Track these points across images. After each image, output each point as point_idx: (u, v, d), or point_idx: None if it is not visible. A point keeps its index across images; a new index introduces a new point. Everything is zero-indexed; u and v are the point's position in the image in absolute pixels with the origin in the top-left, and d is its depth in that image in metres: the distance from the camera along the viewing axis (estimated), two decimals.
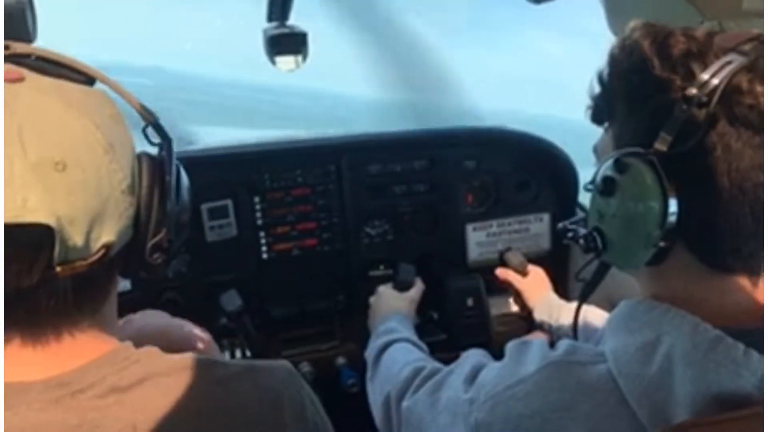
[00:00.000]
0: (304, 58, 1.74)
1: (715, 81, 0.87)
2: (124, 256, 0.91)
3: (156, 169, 0.92)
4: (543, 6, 1.43)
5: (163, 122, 1.00)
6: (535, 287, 2.03)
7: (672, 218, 0.92)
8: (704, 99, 0.87)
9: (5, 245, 0.75)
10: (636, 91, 0.96)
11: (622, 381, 0.95)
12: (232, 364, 0.98)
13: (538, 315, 1.94)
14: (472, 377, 1.19)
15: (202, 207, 2.07)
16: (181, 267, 2.08)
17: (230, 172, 2.12)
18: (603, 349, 1.03)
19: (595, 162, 1.09)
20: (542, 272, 2.11)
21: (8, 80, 0.81)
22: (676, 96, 0.90)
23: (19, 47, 0.89)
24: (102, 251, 0.83)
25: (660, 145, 0.92)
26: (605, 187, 1.01)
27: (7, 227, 0.75)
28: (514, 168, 2.37)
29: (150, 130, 1.01)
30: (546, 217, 2.41)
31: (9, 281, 0.77)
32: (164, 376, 0.90)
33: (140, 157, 0.92)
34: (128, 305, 1.06)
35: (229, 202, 2.12)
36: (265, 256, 2.21)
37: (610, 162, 1.01)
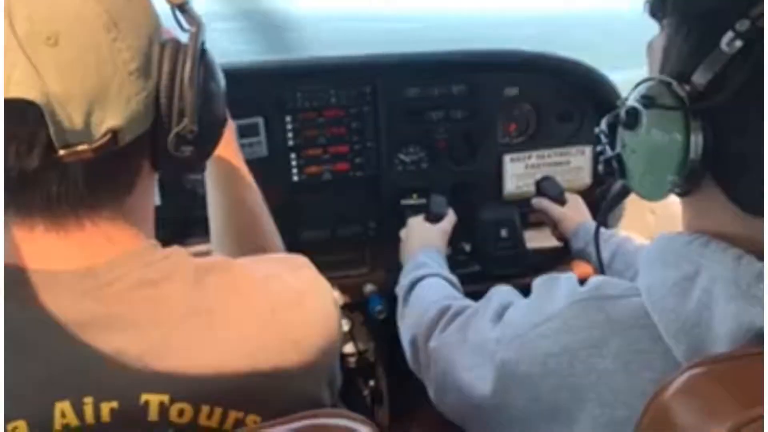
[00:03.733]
0: None
1: None
2: (146, 146, 0.88)
3: (179, 55, 0.87)
4: None
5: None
6: (573, 215, 1.96)
7: (693, 164, 0.87)
8: (754, 36, 0.79)
9: None
10: (691, 3, 0.88)
11: (657, 316, 0.90)
12: (259, 269, 0.97)
13: (576, 243, 1.88)
14: (498, 315, 1.16)
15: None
16: None
17: (261, 88, 2.06)
18: (636, 284, 0.98)
19: (646, 61, 1.01)
20: (580, 199, 2.03)
21: None
22: (728, 24, 0.80)
23: None
24: (108, 136, 0.80)
25: (697, 79, 0.84)
26: (628, 120, 0.96)
27: None
28: (557, 97, 2.26)
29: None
30: (588, 150, 2.32)
31: (12, 162, 0.76)
32: (192, 273, 0.89)
33: (165, 42, 0.87)
34: (156, 220, 1.03)
35: (259, 120, 2.06)
36: (295, 178, 2.17)
37: (639, 90, 0.94)
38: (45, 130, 0.76)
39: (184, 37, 0.92)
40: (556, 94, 2.25)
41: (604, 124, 1.08)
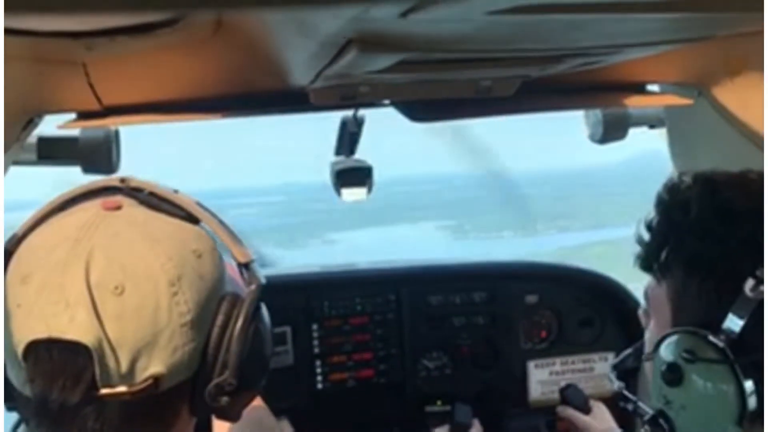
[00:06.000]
0: (369, 189, 1.79)
1: None
2: (187, 391, 0.90)
3: (233, 311, 0.91)
4: None
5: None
6: (599, 425, 1.92)
7: (751, 409, 0.86)
8: None
9: (52, 358, 0.79)
10: (697, 256, 0.93)
11: None
12: None
13: None
14: None
15: None
16: None
17: (290, 298, 2.14)
18: None
19: (643, 307, 1.05)
20: (605, 408, 2.00)
21: (106, 208, 0.88)
22: (745, 272, 0.86)
23: (134, 182, 0.95)
24: (149, 381, 0.83)
25: (729, 326, 0.87)
26: (671, 376, 0.95)
27: (53, 341, 0.78)
28: (577, 304, 2.31)
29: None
30: (611, 356, 2.31)
31: (56, 396, 0.79)
32: None
33: (224, 296, 0.92)
34: None
35: (287, 330, 2.12)
36: (320, 386, 2.18)
37: (673, 346, 0.95)
38: (92, 369, 0.79)
39: None
40: (576, 301, 2.31)
41: (619, 382, 1.08)
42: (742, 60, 1.29)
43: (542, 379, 2.29)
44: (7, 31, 0.92)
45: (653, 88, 1.50)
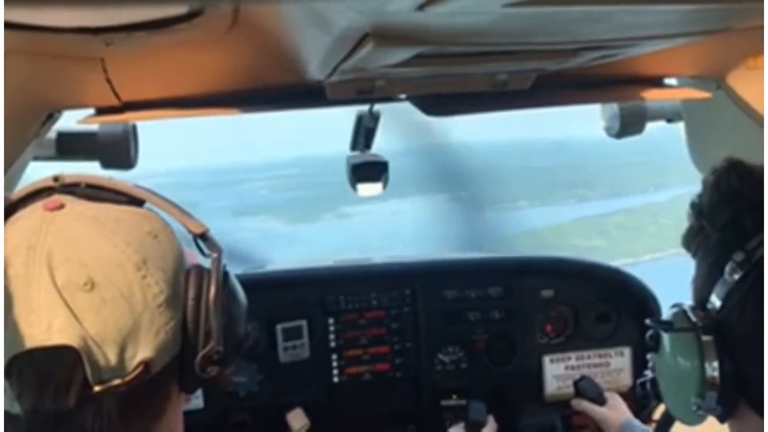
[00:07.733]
0: (385, 184, 1.79)
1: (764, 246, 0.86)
2: (175, 370, 0.90)
3: (203, 281, 0.91)
4: None
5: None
6: (614, 415, 1.92)
7: (714, 386, 0.90)
8: (749, 267, 0.87)
9: (38, 369, 0.78)
10: (706, 240, 0.96)
11: None
12: None
13: None
14: None
15: (277, 327, 2.09)
16: (252, 387, 2.08)
17: (306, 292, 2.15)
18: None
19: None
20: (619, 398, 2.00)
21: (48, 209, 0.86)
22: (729, 255, 0.89)
23: (69, 177, 0.93)
24: (140, 368, 0.83)
25: (711, 305, 0.91)
26: (650, 343, 1.01)
27: (36, 351, 0.78)
28: (594, 299, 2.30)
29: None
30: (627, 351, 2.31)
31: (49, 404, 0.78)
32: None
33: (189, 269, 0.92)
34: (197, 425, 1.06)
35: (303, 323, 2.13)
36: (336, 379, 2.19)
37: (665, 315, 1.00)
38: (81, 370, 0.79)
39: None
40: (592, 296, 2.30)
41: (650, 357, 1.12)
42: (760, 52, 1.28)
43: (557, 373, 2.28)
44: (27, 27, 0.93)
45: (671, 81, 1.49)
